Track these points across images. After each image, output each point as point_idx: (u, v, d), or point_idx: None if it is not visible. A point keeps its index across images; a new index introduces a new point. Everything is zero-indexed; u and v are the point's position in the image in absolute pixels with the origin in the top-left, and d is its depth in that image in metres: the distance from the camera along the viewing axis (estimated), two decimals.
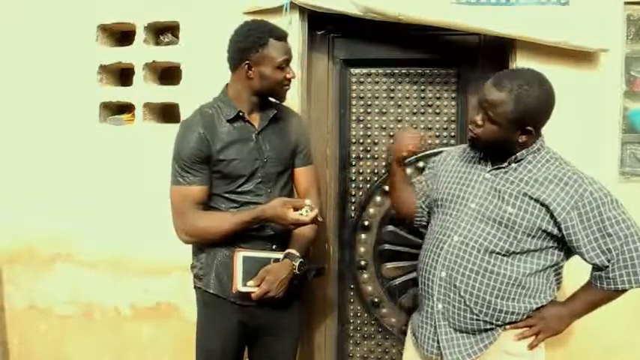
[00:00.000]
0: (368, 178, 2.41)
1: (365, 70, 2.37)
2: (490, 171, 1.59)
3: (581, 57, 2.04)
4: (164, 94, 2.34)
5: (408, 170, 2.37)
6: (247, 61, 1.68)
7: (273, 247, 1.77)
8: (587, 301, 1.58)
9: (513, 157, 1.54)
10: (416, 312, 1.77)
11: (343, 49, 2.35)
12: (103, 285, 2.42)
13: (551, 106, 1.52)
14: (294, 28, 2.13)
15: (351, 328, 2.46)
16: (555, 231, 1.49)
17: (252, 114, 1.77)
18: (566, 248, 1.54)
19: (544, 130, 1.57)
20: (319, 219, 1.66)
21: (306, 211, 1.62)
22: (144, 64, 2.32)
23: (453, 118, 2.34)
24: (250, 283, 1.66)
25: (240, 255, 1.67)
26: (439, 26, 2.05)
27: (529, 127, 1.48)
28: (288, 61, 1.71)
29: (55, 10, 2.38)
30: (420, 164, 2.35)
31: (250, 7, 2.17)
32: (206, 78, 2.24)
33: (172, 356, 2.38)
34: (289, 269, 1.70)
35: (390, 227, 2.38)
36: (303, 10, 2.17)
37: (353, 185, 2.42)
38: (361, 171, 2.42)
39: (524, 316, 1.55)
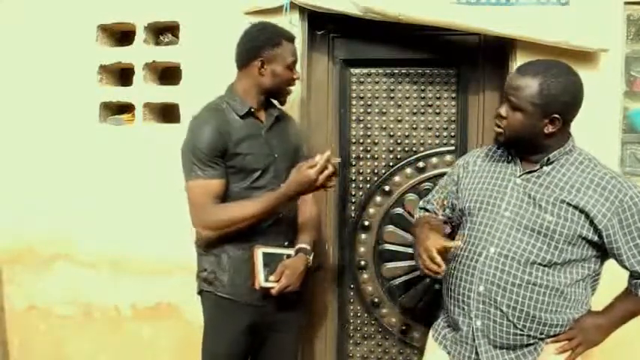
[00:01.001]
0: (368, 178, 2.41)
1: (365, 70, 2.37)
2: (521, 176, 1.51)
3: (581, 57, 2.04)
4: (164, 94, 2.34)
5: (408, 170, 2.37)
6: (261, 58, 1.73)
7: (285, 243, 1.81)
8: (626, 310, 1.51)
9: (545, 158, 1.47)
10: (443, 325, 1.66)
11: (343, 49, 2.35)
12: (103, 285, 2.42)
13: (579, 96, 1.43)
14: (294, 28, 2.13)
15: (351, 328, 2.46)
16: (596, 238, 1.43)
17: (260, 112, 1.81)
18: (604, 256, 1.49)
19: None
20: (333, 160, 1.63)
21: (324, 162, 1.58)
22: (144, 64, 2.32)
23: (453, 118, 2.34)
24: (271, 278, 1.70)
25: (259, 251, 1.71)
26: (439, 26, 2.05)
27: (556, 115, 1.40)
28: (295, 62, 1.78)
29: (55, 10, 2.37)
30: (420, 164, 2.36)
31: (250, 7, 2.17)
32: (206, 78, 2.24)
33: (172, 356, 2.38)
34: (305, 263, 1.77)
35: (390, 227, 2.38)
36: (303, 10, 2.17)
37: (353, 185, 2.42)
38: (361, 171, 2.42)
39: (566, 328, 1.49)
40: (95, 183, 2.39)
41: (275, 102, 1.85)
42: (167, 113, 2.41)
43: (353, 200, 2.43)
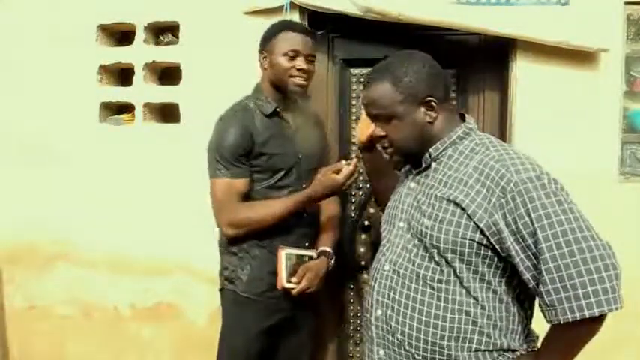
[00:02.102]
0: (368, 178, 2.41)
1: (365, 70, 2.37)
2: (414, 178, 1.31)
3: (581, 57, 2.04)
4: (164, 94, 2.34)
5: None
6: (263, 51, 1.76)
7: (306, 244, 1.83)
8: (554, 349, 1.15)
9: (427, 154, 1.26)
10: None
11: (343, 49, 2.35)
12: (103, 285, 2.42)
13: (433, 70, 1.27)
14: None
15: (351, 328, 2.46)
16: (486, 241, 1.13)
17: (286, 111, 1.81)
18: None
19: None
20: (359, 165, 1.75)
21: (347, 166, 1.66)
22: (144, 64, 2.32)
23: None
24: (293, 279, 1.73)
25: (283, 252, 1.73)
26: (439, 26, 2.05)
27: (428, 98, 1.23)
28: (297, 52, 1.73)
29: (55, 10, 2.37)
30: None
31: (250, 7, 2.17)
32: (206, 78, 2.24)
33: (172, 356, 2.38)
34: (326, 266, 1.80)
35: None
36: (303, 10, 2.17)
37: (353, 185, 2.42)
38: (361, 171, 2.42)
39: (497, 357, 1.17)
40: (95, 183, 2.39)
41: (300, 101, 1.88)
42: (167, 113, 2.41)
43: (353, 200, 2.42)
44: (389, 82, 1.24)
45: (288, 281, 1.73)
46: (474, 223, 1.12)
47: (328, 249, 1.83)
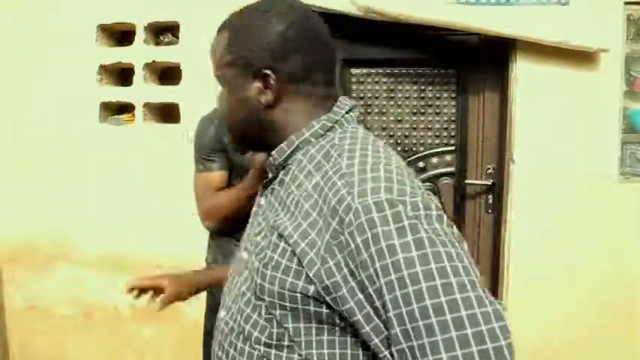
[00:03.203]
0: None
1: (365, 70, 2.37)
2: (264, 191, 0.91)
3: (581, 57, 2.04)
4: (164, 94, 2.34)
5: None
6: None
7: None
8: None
9: (271, 157, 0.86)
10: None
11: (343, 49, 2.34)
12: (103, 285, 2.42)
13: (299, 31, 0.85)
14: None
15: None
16: (318, 294, 0.74)
17: None
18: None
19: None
20: None
21: None
22: (144, 64, 2.32)
23: (452, 118, 2.34)
24: None
25: None
26: (439, 26, 2.05)
27: (264, 71, 0.83)
28: None
29: (55, 10, 2.37)
30: (420, 164, 2.35)
31: None
32: (206, 78, 2.23)
33: (172, 356, 2.38)
34: None
35: None
36: None
37: None
38: None
39: None
40: (95, 183, 2.39)
41: None
42: (167, 113, 2.41)
43: None
44: (227, 33, 0.90)
45: None
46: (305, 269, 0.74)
47: None
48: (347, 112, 0.86)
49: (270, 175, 0.88)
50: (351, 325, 0.73)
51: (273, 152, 0.85)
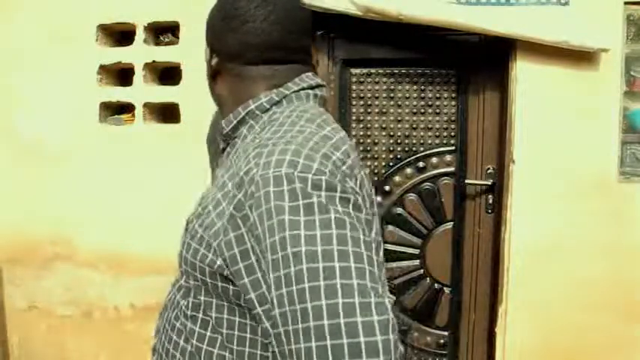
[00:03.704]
0: None
1: (365, 70, 2.37)
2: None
3: (581, 57, 2.04)
4: (164, 94, 2.34)
5: (408, 170, 2.37)
6: None
7: None
8: None
9: (221, 127, 0.87)
10: None
11: (343, 49, 2.35)
12: (103, 285, 2.42)
13: (228, 12, 0.85)
14: None
15: None
16: (227, 273, 0.72)
17: None
18: None
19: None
20: None
21: None
22: (144, 64, 2.32)
23: (453, 118, 2.34)
24: None
25: None
26: (439, 26, 2.05)
27: (213, 47, 0.89)
28: None
29: (55, 10, 2.37)
30: (420, 164, 2.35)
31: None
32: (206, 78, 2.24)
33: None
34: None
35: (390, 227, 2.38)
36: None
37: None
38: None
39: None
40: (95, 183, 2.39)
41: None
42: (167, 113, 2.41)
43: None
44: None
45: None
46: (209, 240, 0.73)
47: None
48: (303, 89, 0.84)
49: (221, 146, 0.89)
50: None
51: (222, 122, 0.85)
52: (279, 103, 0.82)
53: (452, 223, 2.36)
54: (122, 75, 2.47)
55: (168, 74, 2.40)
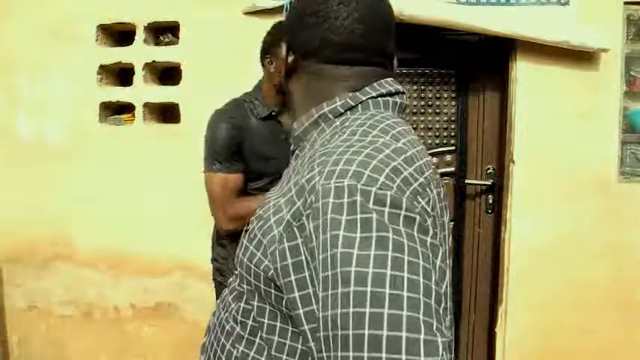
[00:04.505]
0: None
1: None
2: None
3: (581, 57, 2.04)
4: (164, 94, 2.34)
5: None
6: (268, 55, 1.71)
7: None
8: None
9: (293, 130, 0.84)
10: None
11: None
12: (103, 285, 2.42)
13: (301, 7, 0.81)
14: None
15: None
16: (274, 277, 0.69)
17: (283, 114, 1.76)
18: None
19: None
20: None
21: None
22: (144, 64, 2.32)
23: (453, 118, 2.34)
24: None
25: None
26: (439, 26, 2.05)
27: (290, 44, 0.84)
28: None
29: (55, 10, 2.37)
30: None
31: (250, 8, 2.17)
32: (206, 78, 2.24)
33: (172, 356, 2.38)
34: None
35: None
36: None
37: None
38: None
39: None
40: (95, 183, 2.39)
41: None
42: (167, 113, 2.41)
43: None
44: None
45: None
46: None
47: None
48: (382, 96, 0.78)
49: (291, 148, 0.85)
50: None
51: (294, 124, 0.82)
52: (355, 109, 0.76)
53: (452, 223, 2.36)
54: (122, 75, 2.47)
55: (169, 74, 2.40)
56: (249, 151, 1.69)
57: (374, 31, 0.80)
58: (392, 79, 0.82)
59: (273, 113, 1.74)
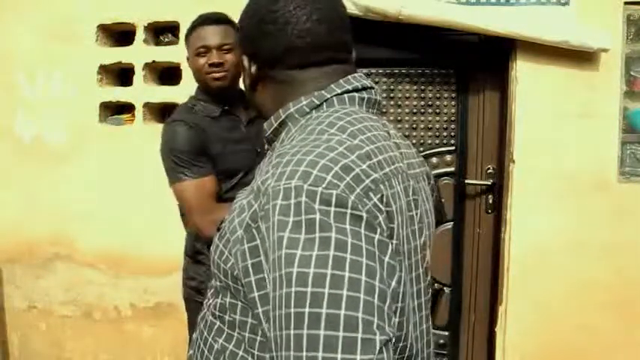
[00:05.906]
0: None
1: (365, 70, 2.37)
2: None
3: (581, 57, 2.04)
4: (164, 94, 2.34)
5: None
6: (187, 52, 1.66)
7: None
8: None
9: (268, 130, 0.82)
10: None
11: None
12: (103, 285, 2.42)
13: (255, 15, 0.81)
14: None
15: None
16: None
17: (236, 107, 1.69)
18: None
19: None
20: None
21: None
22: (144, 64, 2.32)
23: (452, 118, 2.34)
24: None
25: None
26: (439, 26, 2.05)
27: (251, 54, 0.83)
28: (207, 47, 1.59)
29: (55, 10, 2.37)
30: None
31: None
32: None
33: (172, 356, 2.38)
34: None
35: None
36: None
37: None
38: None
39: None
40: (95, 183, 2.39)
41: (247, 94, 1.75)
42: (167, 113, 2.41)
43: None
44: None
45: None
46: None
47: None
48: (347, 92, 0.77)
49: (265, 148, 0.85)
50: None
51: (264, 125, 0.82)
52: (320, 107, 0.76)
53: (452, 223, 2.35)
54: (122, 75, 2.47)
55: (168, 74, 2.40)
56: (215, 151, 1.60)
57: (335, 29, 0.80)
58: (360, 74, 0.81)
59: (226, 108, 1.65)
